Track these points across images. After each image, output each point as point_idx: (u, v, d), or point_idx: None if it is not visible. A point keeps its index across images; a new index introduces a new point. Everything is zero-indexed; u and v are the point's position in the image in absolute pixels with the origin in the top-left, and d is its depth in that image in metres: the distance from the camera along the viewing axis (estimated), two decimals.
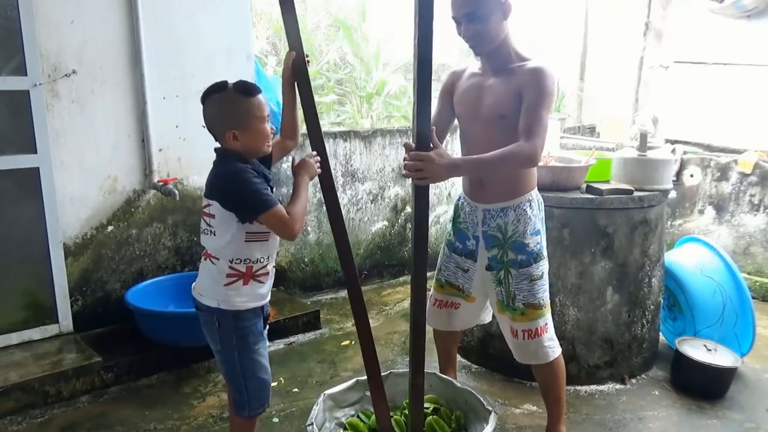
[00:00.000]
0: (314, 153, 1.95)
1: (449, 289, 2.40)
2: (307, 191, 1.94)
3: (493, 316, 2.47)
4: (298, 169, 1.95)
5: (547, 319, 2.23)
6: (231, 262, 1.87)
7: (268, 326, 2.10)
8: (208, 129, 1.91)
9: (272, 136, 1.93)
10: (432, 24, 1.63)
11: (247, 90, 1.85)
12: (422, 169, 1.78)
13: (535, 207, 2.21)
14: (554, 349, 2.25)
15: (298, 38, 1.85)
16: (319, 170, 1.96)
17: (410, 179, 1.85)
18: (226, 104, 1.85)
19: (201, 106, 3.40)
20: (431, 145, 1.80)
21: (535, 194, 2.22)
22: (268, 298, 2.00)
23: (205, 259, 1.94)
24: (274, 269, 2.01)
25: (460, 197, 2.37)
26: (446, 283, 2.40)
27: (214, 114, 1.88)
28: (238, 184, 1.80)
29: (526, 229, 2.16)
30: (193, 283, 2.00)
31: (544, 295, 2.22)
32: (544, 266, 2.22)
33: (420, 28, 1.62)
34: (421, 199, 1.80)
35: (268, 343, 2.09)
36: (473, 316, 2.48)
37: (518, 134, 1.99)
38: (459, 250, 2.34)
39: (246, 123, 1.84)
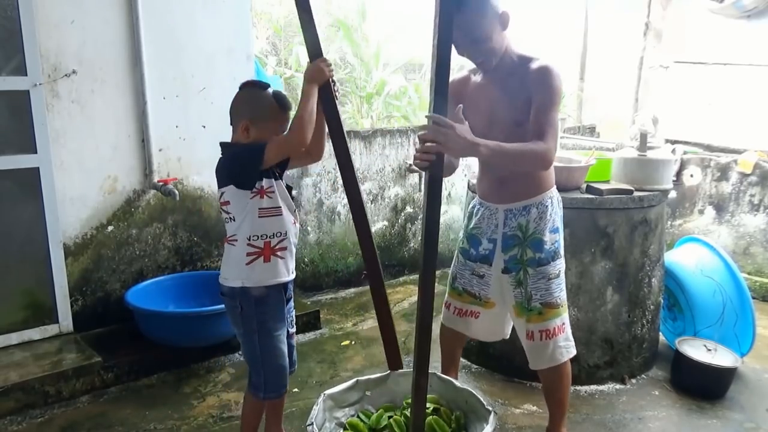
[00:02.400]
0: (325, 59, 1.96)
1: (467, 297, 2.37)
2: (313, 97, 1.95)
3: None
4: (305, 75, 1.95)
5: (564, 319, 2.22)
6: (249, 240, 1.97)
7: (294, 310, 2.23)
8: (230, 113, 2.04)
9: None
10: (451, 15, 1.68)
11: (281, 101, 2.00)
12: (444, 134, 1.73)
13: (555, 204, 2.21)
14: (569, 349, 2.24)
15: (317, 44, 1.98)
16: (330, 73, 1.95)
17: (418, 173, 1.84)
18: (257, 99, 1.99)
19: (201, 106, 3.45)
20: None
21: (555, 191, 2.22)
22: (291, 276, 2.09)
23: (226, 244, 2.05)
24: (294, 248, 2.09)
25: (474, 204, 2.35)
26: (463, 291, 2.37)
27: (242, 101, 2.02)
28: (234, 153, 1.98)
29: (546, 226, 2.16)
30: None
31: (561, 294, 2.21)
32: (561, 265, 2.22)
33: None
34: (433, 195, 1.77)
35: (293, 330, 2.25)
36: (496, 327, 2.41)
37: (530, 136, 1.99)
38: (473, 257, 2.31)
39: (262, 124, 1.97)
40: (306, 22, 1.96)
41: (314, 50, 1.99)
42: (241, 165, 1.95)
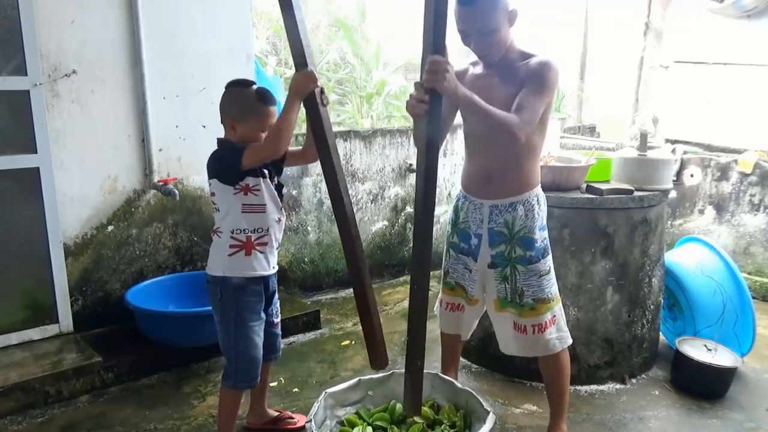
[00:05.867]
0: (310, 70, 1.97)
1: (459, 291, 2.39)
2: (293, 110, 2.00)
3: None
4: (290, 86, 1.99)
5: (555, 311, 2.24)
6: (232, 233, 2.09)
7: (278, 301, 2.33)
8: (219, 112, 2.13)
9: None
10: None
11: (263, 96, 2.08)
12: (443, 69, 1.75)
13: (542, 202, 2.23)
14: (563, 339, 2.27)
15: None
16: (314, 85, 1.98)
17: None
18: (240, 97, 2.08)
19: (201, 106, 3.48)
20: None
21: (539, 190, 2.24)
22: (272, 271, 2.19)
23: (213, 235, 2.16)
24: (276, 246, 2.20)
25: (458, 197, 2.37)
26: (456, 285, 2.39)
27: (227, 100, 2.11)
28: (219, 152, 2.10)
29: (535, 224, 2.17)
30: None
31: (552, 288, 2.24)
32: (550, 261, 2.24)
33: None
34: (431, 155, 1.78)
35: (278, 320, 2.36)
36: (473, 323, 2.47)
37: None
38: (465, 251, 2.33)
39: (245, 121, 2.06)
40: (291, 27, 1.91)
41: (299, 58, 1.95)
42: (223, 164, 2.07)
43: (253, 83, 2.13)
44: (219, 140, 2.16)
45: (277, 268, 2.25)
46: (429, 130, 1.79)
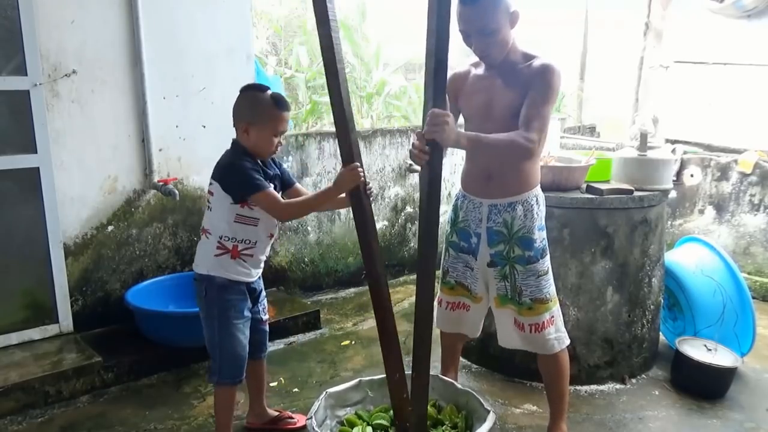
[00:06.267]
0: (357, 165, 1.98)
1: (459, 290, 2.39)
2: (330, 200, 2.09)
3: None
4: (336, 178, 2.03)
5: (553, 312, 2.25)
6: (220, 239, 2.12)
7: (265, 299, 2.37)
8: (232, 115, 2.13)
9: (277, 150, 2.15)
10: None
11: (278, 102, 2.09)
12: (443, 122, 1.79)
13: (541, 202, 2.23)
14: (561, 340, 2.27)
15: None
16: (359, 181, 1.99)
17: (419, 173, 1.86)
18: (255, 101, 2.09)
19: (201, 106, 3.48)
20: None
21: (539, 190, 2.25)
22: (254, 279, 2.23)
23: (202, 235, 2.19)
24: (263, 259, 2.22)
25: (457, 197, 2.38)
26: (456, 284, 2.39)
27: (241, 104, 2.12)
28: (235, 169, 2.07)
29: (534, 225, 2.18)
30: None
31: (551, 289, 2.24)
32: (548, 261, 2.24)
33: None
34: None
35: (266, 318, 2.40)
36: (480, 321, 2.46)
37: (518, 125, 2.02)
38: (465, 249, 2.33)
39: (260, 125, 2.07)
40: (341, 123, 1.92)
41: (347, 155, 1.97)
42: (231, 183, 2.07)
43: (268, 88, 2.13)
44: (235, 143, 2.14)
45: (258, 276, 2.26)
46: (431, 178, 1.83)
